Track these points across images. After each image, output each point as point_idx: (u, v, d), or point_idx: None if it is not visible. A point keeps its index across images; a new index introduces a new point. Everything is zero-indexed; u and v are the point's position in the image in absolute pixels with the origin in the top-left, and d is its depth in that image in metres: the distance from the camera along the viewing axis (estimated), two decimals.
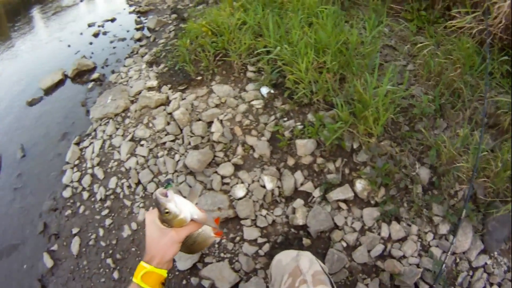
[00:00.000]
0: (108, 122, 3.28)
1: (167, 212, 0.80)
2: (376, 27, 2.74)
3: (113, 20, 7.54)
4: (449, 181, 2.10)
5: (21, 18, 15.16)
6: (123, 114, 3.28)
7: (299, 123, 2.49)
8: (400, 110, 2.37)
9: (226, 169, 2.44)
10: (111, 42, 6.05)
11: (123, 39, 5.97)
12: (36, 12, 16.23)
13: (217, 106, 2.80)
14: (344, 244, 2.07)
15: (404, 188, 2.14)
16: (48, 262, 2.51)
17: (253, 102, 2.75)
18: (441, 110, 2.45)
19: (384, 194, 2.15)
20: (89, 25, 7.54)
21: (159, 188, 0.84)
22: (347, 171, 2.27)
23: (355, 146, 2.30)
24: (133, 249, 2.43)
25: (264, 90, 2.76)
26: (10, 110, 4.85)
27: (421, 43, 2.76)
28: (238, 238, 2.23)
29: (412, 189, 2.11)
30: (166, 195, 0.81)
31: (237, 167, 2.47)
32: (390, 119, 2.34)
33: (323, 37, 2.62)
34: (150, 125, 2.93)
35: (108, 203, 2.69)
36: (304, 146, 2.31)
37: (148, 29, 5.88)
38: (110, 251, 2.47)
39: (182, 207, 0.82)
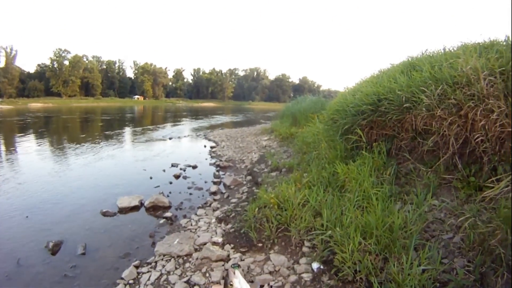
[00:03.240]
0: (170, 260, 3.69)
1: (231, 285, 1.10)
2: (424, 201, 3.00)
3: (194, 167, 8.78)
4: None
5: (114, 131, 18.01)
6: (185, 258, 3.69)
7: None
8: (440, 285, 2.39)
9: None
10: (189, 188, 6.82)
11: (200, 189, 6.70)
12: (129, 132, 19.28)
13: (270, 273, 3.10)
14: None
15: None
16: None
17: (303, 275, 2.99)
18: (482, 278, 2.39)
19: None
20: (172, 165, 8.85)
21: (230, 266, 1.16)
22: None
23: None
24: None
25: (315, 265, 3.04)
26: (84, 211, 5.57)
27: (463, 214, 2.84)
28: None
29: None
30: (234, 273, 1.13)
31: None
32: None
33: (371, 221, 2.98)
34: (207, 275, 3.25)
35: None
36: None
37: (224, 185, 6.57)
38: None
39: (243, 285, 1.12)
